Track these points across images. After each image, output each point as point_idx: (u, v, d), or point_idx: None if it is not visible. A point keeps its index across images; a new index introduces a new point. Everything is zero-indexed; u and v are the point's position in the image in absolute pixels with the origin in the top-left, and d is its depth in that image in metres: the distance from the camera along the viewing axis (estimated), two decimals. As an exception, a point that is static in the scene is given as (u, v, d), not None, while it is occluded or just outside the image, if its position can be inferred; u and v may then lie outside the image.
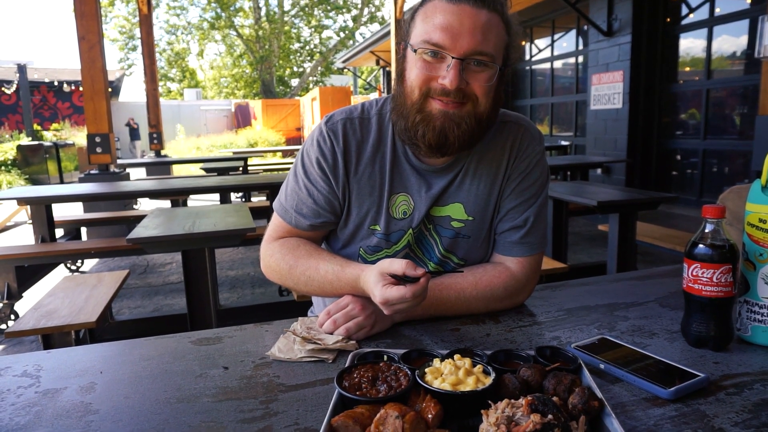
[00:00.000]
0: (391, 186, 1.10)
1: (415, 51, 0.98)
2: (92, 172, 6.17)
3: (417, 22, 1.00)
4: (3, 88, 17.60)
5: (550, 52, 8.36)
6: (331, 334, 0.97)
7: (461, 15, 0.94)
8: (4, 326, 3.47)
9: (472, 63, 0.96)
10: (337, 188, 1.11)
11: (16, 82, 15.27)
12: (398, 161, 1.11)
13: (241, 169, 7.43)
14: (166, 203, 6.64)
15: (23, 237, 6.59)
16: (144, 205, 7.89)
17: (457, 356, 0.77)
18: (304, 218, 1.13)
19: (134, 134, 19.86)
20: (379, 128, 1.12)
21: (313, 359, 0.89)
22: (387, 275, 0.90)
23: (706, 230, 0.88)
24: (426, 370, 0.75)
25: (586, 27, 7.01)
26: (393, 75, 1.09)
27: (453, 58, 0.94)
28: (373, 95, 19.39)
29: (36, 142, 12.09)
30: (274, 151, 14.39)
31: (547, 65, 8.50)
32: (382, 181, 1.10)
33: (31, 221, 4.61)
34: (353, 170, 1.11)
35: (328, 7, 30.28)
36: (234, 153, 11.10)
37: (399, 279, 0.89)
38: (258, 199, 8.11)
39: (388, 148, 1.11)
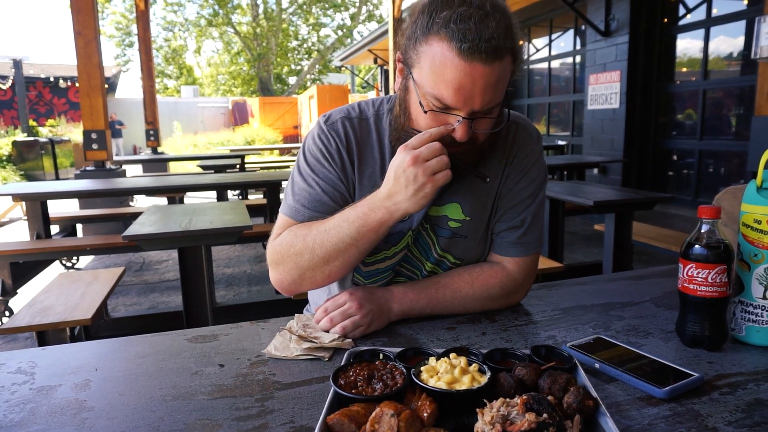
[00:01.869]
0: None
1: (421, 103, 0.93)
2: (88, 168, 6.16)
3: (423, 62, 0.91)
4: (-2, 84, 17.51)
5: (547, 51, 8.37)
6: (328, 332, 0.97)
7: (473, 75, 0.87)
8: (-2, 323, 3.46)
9: (479, 115, 0.93)
10: (346, 182, 1.08)
11: (11, 77, 15.21)
12: None
13: (238, 166, 7.41)
14: (162, 200, 6.64)
15: (18, 233, 6.56)
16: (140, 202, 7.87)
17: (452, 355, 0.77)
18: (318, 214, 1.06)
19: (114, 132, 17.72)
20: (376, 130, 1.10)
21: (309, 357, 0.89)
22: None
23: (702, 230, 0.88)
24: (422, 368, 0.75)
25: (583, 27, 7.02)
26: (397, 101, 1.03)
27: (463, 118, 0.91)
28: (371, 94, 19.36)
29: (31, 138, 12.04)
30: (272, 149, 14.36)
31: (545, 65, 8.50)
32: (382, 183, 1.09)
33: (26, 217, 4.59)
34: (357, 168, 1.09)
35: (326, 5, 30.23)
36: (231, 150, 11.07)
37: None
38: (255, 197, 8.11)
39: (387, 150, 1.09)
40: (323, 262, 1.00)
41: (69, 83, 19.90)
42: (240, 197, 8.12)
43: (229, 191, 7.82)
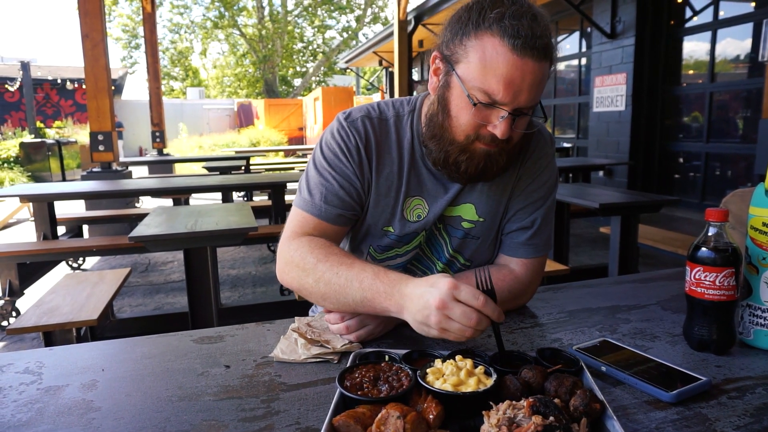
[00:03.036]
0: (407, 189, 1.09)
1: (470, 96, 0.93)
2: (95, 169, 6.19)
3: (471, 57, 0.91)
4: (6, 86, 17.63)
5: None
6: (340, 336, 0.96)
7: (524, 70, 0.89)
8: (5, 323, 3.48)
9: (521, 112, 0.94)
10: (362, 179, 1.08)
11: (19, 79, 15.30)
12: (416, 165, 1.09)
13: (243, 168, 7.43)
14: (168, 202, 6.65)
15: (25, 234, 6.60)
16: (146, 203, 7.91)
17: (458, 357, 0.77)
18: (333, 208, 1.06)
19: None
20: (396, 130, 1.10)
21: (315, 359, 0.89)
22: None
23: (709, 233, 0.88)
24: (427, 370, 0.75)
25: (589, 29, 7.00)
26: (435, 99, 0.99)
27: (509, 113, 0.92)
28: (376, 96, 19.37)
29: (39, 140, 12.11)
30: (277, 151, 14.39)
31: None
32: (399, 183, 1.09)
33: (33, 218, 4.62)
34: (374, 167, 1.08)
35: (332, 7, 30.29)
36: (236, 152, 11.10)
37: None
38: (260, 199, 8.13)
39: (406, 150, 1.09)
40: (320, 296, 0.98)
41: (76, 85, 20.00)
42: (245, 199, 8.14)
43: (234, 193, 7.85)
